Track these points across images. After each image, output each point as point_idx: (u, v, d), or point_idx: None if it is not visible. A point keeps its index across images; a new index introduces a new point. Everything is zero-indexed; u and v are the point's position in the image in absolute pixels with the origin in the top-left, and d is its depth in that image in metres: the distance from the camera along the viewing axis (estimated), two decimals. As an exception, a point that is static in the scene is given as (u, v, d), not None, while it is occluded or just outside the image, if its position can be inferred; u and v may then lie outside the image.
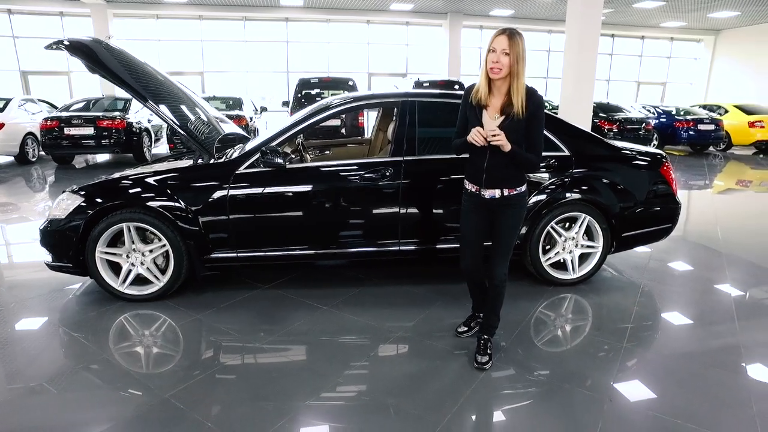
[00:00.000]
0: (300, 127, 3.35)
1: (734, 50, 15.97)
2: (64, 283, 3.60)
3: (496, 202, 2.43)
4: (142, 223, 3.17)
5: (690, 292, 3.68)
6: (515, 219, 2.47)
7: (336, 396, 2.30)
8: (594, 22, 7.75)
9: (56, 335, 2.88)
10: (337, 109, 3.47)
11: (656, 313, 3.30)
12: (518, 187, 2.42)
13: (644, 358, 2.70)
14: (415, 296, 3.46)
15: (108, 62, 3.28)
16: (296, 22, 14.40)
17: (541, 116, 2.34)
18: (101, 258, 3.21)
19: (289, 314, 3.16)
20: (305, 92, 10.12)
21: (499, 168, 2.37)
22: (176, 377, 2.45)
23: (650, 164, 3.76)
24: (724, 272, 4.03)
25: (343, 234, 3.37)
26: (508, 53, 2.19)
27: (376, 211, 3.34)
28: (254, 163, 3.23)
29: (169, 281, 3.27)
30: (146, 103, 3.30)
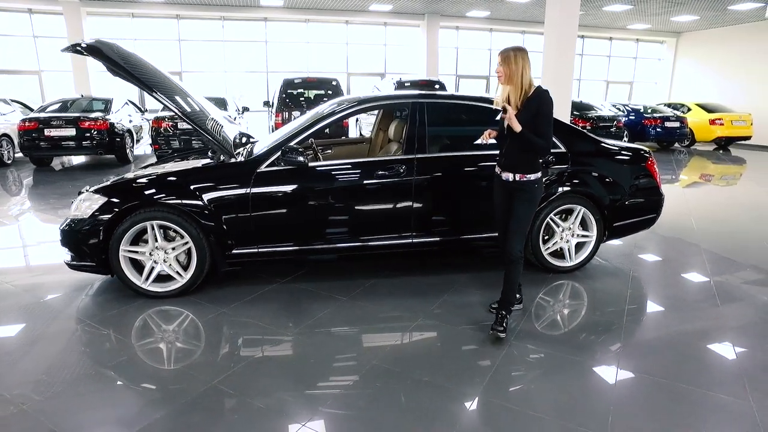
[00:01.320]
0: (317, 127, 3.51)
1: (694, 52, 16.86)
2: (78, 283, 3.65)
3: (510, 184, 2.87)
4: (166, 221, 3.26)
5: (674, 276, 4.02)
6: (525, 202, 2.86)
7: (373, 377, 2.48)
8: (571, 24, 8.13)
9: (89, 333, 2.95)
10: (353, 108, 3.65)
11: (647, 295, 3.61)
12: (529, 174, 2.83)
13: (641, 333, 2.99)
14: (427, 286, 3.66)
15: (129, 65, 3.34)
16: (275, 22, 14.39)
17: (546, 111, 2.78)
18: (125, 256, 3.29)
19: (312, 306, 3.32)
20: (289, 92, 10.18)
21: (513, 153, 2.85)
22: (218, 367, 2.58)
23: (637, 159, 4.08)
24: (702, 258, 4.40)
25: (360, 228, 3.55)
26: (501, 65, 2.80)
27: (391, 206, 3.54)
28: (275, 161, 3.36)
29: (192, 278, 3.37)
30: (171, 104, 3.37)
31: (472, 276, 3.83)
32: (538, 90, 2.81)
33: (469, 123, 4.03)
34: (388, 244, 3.59)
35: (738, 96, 14.84)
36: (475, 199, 3.66)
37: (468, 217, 3.71)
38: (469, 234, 3.72)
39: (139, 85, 3.28)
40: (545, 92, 2.81)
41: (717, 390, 2.39)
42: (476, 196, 3.66)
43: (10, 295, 3.48)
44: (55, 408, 2.22)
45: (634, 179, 4.02)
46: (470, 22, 15.30)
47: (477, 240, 3.75)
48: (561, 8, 8.05)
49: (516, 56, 2.77)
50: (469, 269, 3.98)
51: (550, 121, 2.82)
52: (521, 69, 2.77)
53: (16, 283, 3.70)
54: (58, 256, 3.60)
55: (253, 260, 3.45)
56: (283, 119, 9.94)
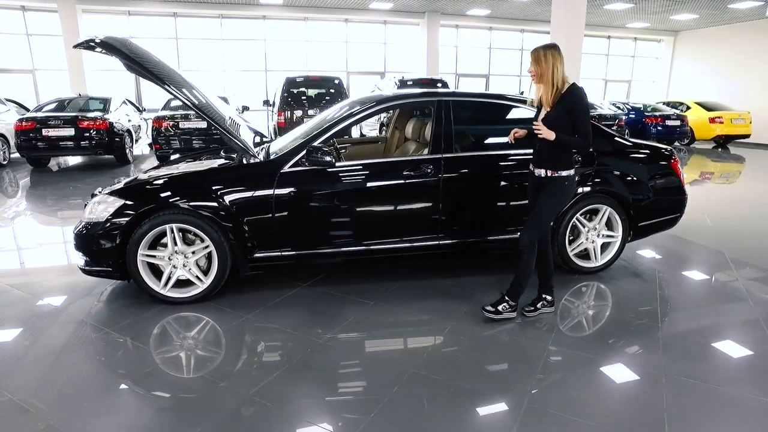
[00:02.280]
0: (341, 126, 3.40)
1: (692, 50, 16.93)
2: (89, 288, 3.51)
3: (542, 180, 2.91)
4: (186, 224, 3.14)
5: (699, 275, 3.96)
6: (550, 196, 2.90)
7: (413, 385, 2.38)
8: (578, 24, 8.08)
9: (108, 342, 2.82)
10: (378, 107, 3.55)
11: (678, 295, 3.54)
12: (559, 170, 2.86)
13: (680, 335, 2.91)
14: (452, 288, 3.57)
15: (143, 61, 3.21)
16: (274, 20, 14.22)
17: (581, 107, 2.78)
18: (143, 261, 3.16)
19: (338, 310, 3.21)
20: (292, 91, 10.05)
21: (545, 150, 2.89)
22: (251, 377, 2.46)
23: (661, 158, 4.03)
24: (724, 256, 4.34)
25: (386, 230, 3.45)
26: (533, 64, 2.80)
27: (417, 207, 3.45)
28: (299, 161, 3.25)
29: (213, 282, 3.25)
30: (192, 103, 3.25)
31: (497, 278, 3.73)
32: (571, 87, 2.79)
33: (495, 121, 3.94)
34: (415, 246, 3.49)
35: (736, 94, 14.91)
36: (503, 200, 3.58)
37: (497, 217, 3.62)
38: (498, 235, 3.64)
39: (158, 83, 3.15)
40: (579, 88, 2.80)
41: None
42: (504, 196, 3.59)
43: (21, 301, 3.34)
44: (85, 425, 2.10)
45: (659, 178, 3.97)
46: (470, 21, 15.23)
47: (505, 241, 3.66)
48: (567, 7, 8.01)
49: (546, 54, 2.75)
50: (492, 271, 3.89)
51: (588, 117, 2.82)
52: (552, 67, 2.75)
53: (27, 288, 3.55)
54: (63, 260, 3.48)
55: (275, 264, 3.34)
56: (286, 118, 9.81)
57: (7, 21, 12.85)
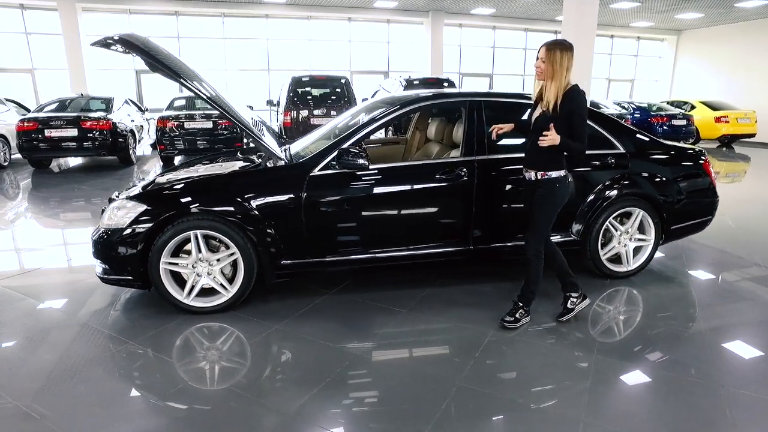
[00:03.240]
0: (372, 128, 3.26)
1: (695, 50, 16.87)
2: (103, 295, 3.36)
3: (533, 183, 2.80)
4: (211, 230, 3.00)
5: (733, 277, 3.84)
6: (544, 200, 2.77)
7: (465, 402, 2.25)
8: (590, 23, 7.98)
9: (130, 354, 2.67)
10: (407, 108, 3.41)
11: (716, 300, 3.42)
12: (549, 172, 2.74)
13: (730, 344, 2.79)
14: (484, 294, 3.44)
15: (165, 59, 3.06)
16: (276, 18, 14.05)
17: (581, 111, 2.65)
18: (165, 269, 3.01)
19: (370, 319, 3.08)
20: (298, 91, 9.89)
21: (533, 152, 2.79)
22: (290, 393, 2.33)
23: (693, 160, 3.92)
24: (756, 258, 4.23)
25: (419, 235, 3.33)
26: (545, 61, 2.63)
27: (450, 211, 3.32)
28: (329, 164, 3.11)
29: (239, 291, 3.11)
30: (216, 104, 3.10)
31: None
32: (573, 88, 2.66)
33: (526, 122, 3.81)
34: (447, 251, 3.37)
35: (739, 93, 14.86)
36: None
37: None
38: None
39: (181, 82, 2.99)
40: (580, 91, 2.67)
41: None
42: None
43: (36, 311, 3.18)
44: (119, 448, 1.96)
45: (692, 180, 3.86)
46: (474, 20, 15.11)
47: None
48: (578, 6, 7.90)
49: (563, 56, 2.60)
50: (519, 277, 3.75)
51: (585, 121, 2.68)
52: (565, 69, 2.62)
53: (39, 295, 3.39)
54: (74, 265, 3.32)
55: (304, 271, 3.20)
56: (292, 118, 9.65)
57: (6, 20, 12.62)
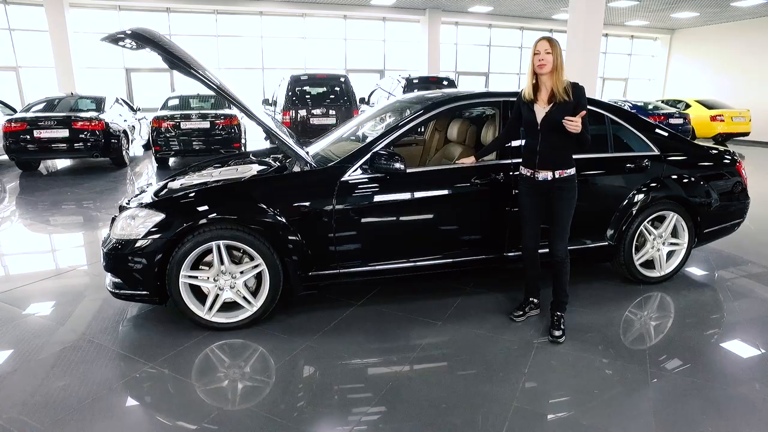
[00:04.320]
0: (405, 129, 3.06)
1: (688, 49, 16.96)
2: (109, 308, 3.12)
3: (548, 184, 2.71)
4: (235, 240, 2.77)
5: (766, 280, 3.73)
6: (569, 200, 2.73)
7: (525, 424, 2.07)
8: (597, 20, 7.86)
9: (150, 378, 2.45)
10: (442, 108, 3.22)
11: (758, 306, 3.29)
12: (568, 169, 2.71)
13: (792, 360, 2.66)
14: (517, 302, 3.25)
15: (184, 55, 2.83)
16: (271, 16, 13.74)
17: (585, 103, 2.64)
18: (185, 283, 2.78)
19: (405, 332, 2.89)
20: (297, 89, 9.64)
21: (549, 149, 2.69)
22: (336, 419, 2.12)
23: (727, 161, 3.81)
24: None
25: (455, 242, 3.16)
26: (549, 52, 2.59)
27: (489, 217, 3.16)
28: (361, 168, 2.91)
29: (264, 305, 2.89)
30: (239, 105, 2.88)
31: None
32: (574, 83, 2.67)
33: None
34: (482, 259, 3.19)
35: (732, 92, 14.94)
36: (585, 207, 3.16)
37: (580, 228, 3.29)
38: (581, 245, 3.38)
39: (205, 81, 2.76)
40: (581, 86, 2.69)
41: None
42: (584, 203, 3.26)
43: (40, 328, 2.93)
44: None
45: (726, 183, 3.75)
46: (470, 18, 14.98)
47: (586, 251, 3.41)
48: (587, 5, 7.79)
49: (559, 47, 2.64)
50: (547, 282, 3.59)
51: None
52: (562, 60, 2.63)
53: (41, 310, 3.14)
54: (71, 274, 3.07)
55: (334, 283, 3.00)
56: (291, 118, 9.42)
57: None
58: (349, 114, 9.81)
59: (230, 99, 2.86)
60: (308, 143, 4.12)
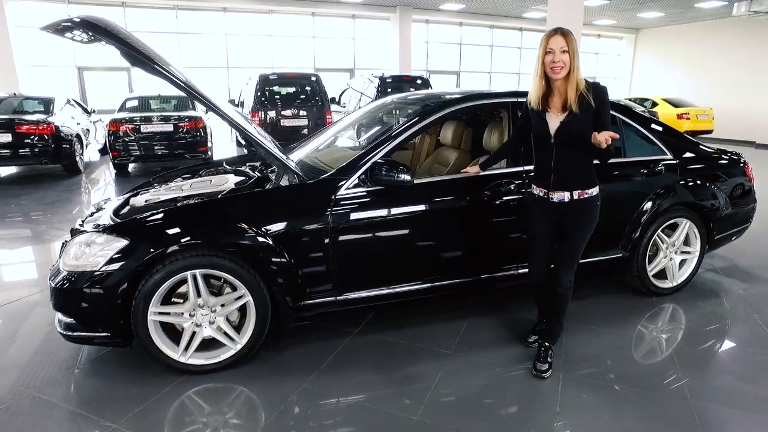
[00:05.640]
0: (407, 134, 2.71)
1: (652, 48, 17.32)
2: (66, 351, 2.64)
3: (566, 206, 2.30)
4: (214, 268, 2.35)
5: None
6: (587, 225, 2.34)
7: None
8: (576, 19, 7.74)
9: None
10: (448, 110, 2.89)
11: (764, 313, 3.12)
12: (588, 189, 2.29)
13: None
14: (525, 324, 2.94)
15: (146, 50, 2.39)
16: (235, 12, 13.10)
17: (608, 109, 2.23)
18: (155, 321, 2.34)
19: (414, 366, 2.54)
20: (267, 90, 9.14)
21: (566, 166, 2.27)
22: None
23: (737, 165, 3.68)
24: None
25: (466, 260, 2.85)
26: (566, 50, 2.12)
27: (500, 231, 2.86)
28: (359, 180, 2.54)
29: (250, 342, 2.48)
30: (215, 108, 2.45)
31: (585, 306, 3.17)
32: (593, 84, 2.22)
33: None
34: (494, 277, 2.89)
35: (696, 91, 15.31)
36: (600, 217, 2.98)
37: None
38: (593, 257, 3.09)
39: (169, 79, 2.33)
40: (603, 87, 2.23)
41: None
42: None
43: None
44: None
45: (736, 187, 3.59)
46: (441, 16, 14.76)
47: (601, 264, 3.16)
48: (566, 3, 7.66)
49: (576, 41, 2.16)
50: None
51: (609, 120, 2.24)
52: (578, 58, 2.16)
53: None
54: (6, 302, 2.59)
55: (329, 311, 2.61)
56: (261, 119, 8.93)
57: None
58: (321, 115, 9.40)
59: (205, 102, 2.44)
60: (289, 149, 3.72)
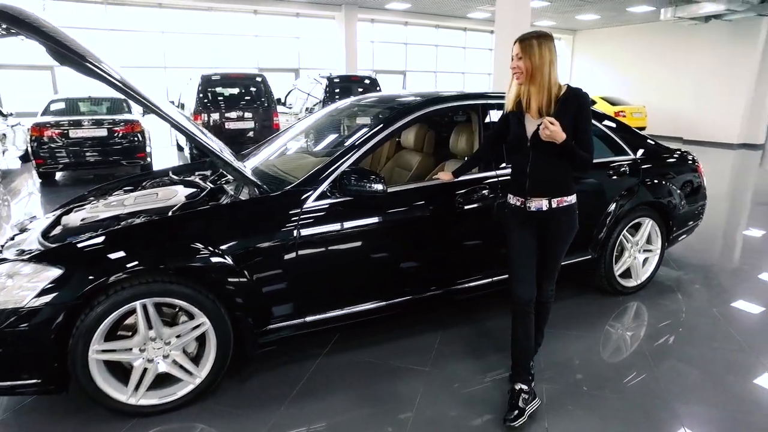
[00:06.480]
0: (377, 140, 2.54)
1: (589, 49, 18.10)
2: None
3: (544, 215, 2.16)
4: (168, 296, 2.08)
5: (731, 273, 3.71)
6: (569, 234, 2.23)
7: None
8: (524, 21, 7.84)
9: None
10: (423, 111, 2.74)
11: (715, 307, 3.22)
12: (567, 196, 2.18)
13: None
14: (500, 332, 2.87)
15: (76, 45, 2.07)
16: (172, 9, 12.33)
17: (587, 115, 2.11)
18: (98, 360, 2.04)
19: (392, 387, 2.39)
20: (209, 91, 8.67)
21: (542, 170, 2.14)
22: None
23: (689, 162, 3.78)
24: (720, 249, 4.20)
25: (446, 271, 2.75)
26: (521, 57, 2.06)
27: (480, 238, 2.79)
28: (327, 191, 2.34)
29: (211, 374, 2.23)
30: (160, 112, 2.15)
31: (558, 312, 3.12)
32: (573, 90, 2.10)
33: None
34: (468, 287, 2.78)
35: (630, 90, 16.17)
36: None
37: None
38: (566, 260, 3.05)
39: (105, 80, 2.03)
40: (584, 92, 2.11)
41: None
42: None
43: None
44: None
45: (691, 184, 3.70)
46: (387, 15, 14.64)
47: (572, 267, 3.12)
48: (514, 4, 7.75)
49: (541, 46, 2.04)
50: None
51: (591, 128, 2.12)
52: (548, 64, 2.04)
53: None
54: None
55: (298, 334, 2.39)
56: (204, 122, 8.46)
57: None
58: (267, 117, 9.05)
59: (148, 105, 2.14)
60: (242, 156, 3.45)
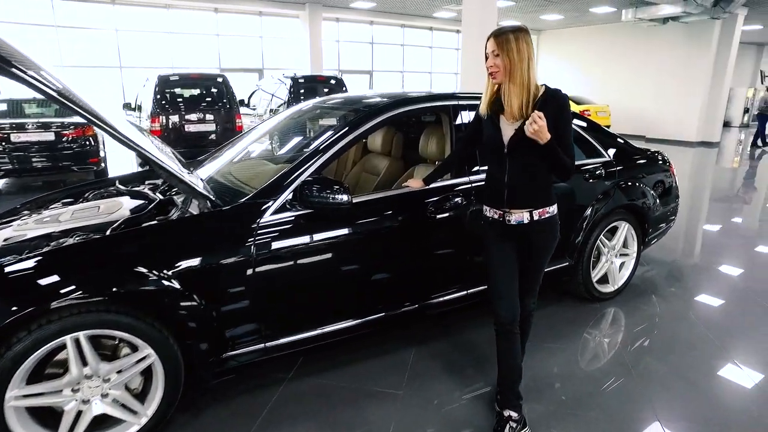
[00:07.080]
0: (340, 145, 2.33)
1: (553, 49, 18.40)
2: None
3: (524, 228, 1.99)
4: (104, 327, 1.82)
5: (709, 273, 3.69)
6: (552, 247, 2.08)
7: None
8: (490, 21, 7.79)
9: None
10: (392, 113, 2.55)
11: (691, 309, 3.17)
12: (549, 206, 2.02)
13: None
14: (476, 346, 2.74)
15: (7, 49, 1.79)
16: (127, 6, 11.76)
17: (567, 118, 1.94)
18: (18, 407, 1.76)
19: (362, 414, 2.20)
20: (167, 92, 8.25)
21: (520, 178, 1.97)
22: None
23: (662, 163, 3.74)
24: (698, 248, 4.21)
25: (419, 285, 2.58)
26: (497, 54, 1.88)
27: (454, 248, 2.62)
28: (287, 204, 2.13)
29: (159, 411, 1.99)
30: (95, 119, 1.88)
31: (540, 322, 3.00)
32: (551, 91, 1.93)
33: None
34: (441, 301, 2.61)
35: (594, 89, 16.49)
36: None
37: None
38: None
39: (29, 84, 1.74)
40: (563, 93, 1.94)
41: None
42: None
43: None
44: None
45: (664, 185, 3.66)
46: (352, 14, 14.43)
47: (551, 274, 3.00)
48: (481, 3, 7.69)
49: (518, 40, 1.86)
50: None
51: (572, 132, 1.97)
52: (527, 59, 1.86)
53: None
54: None
55: (257, 360, 2.17)
56: (162, 125, 8.06)
57: None
58: (230, 119, 8.71)
59: (85, 115, 1.87)
60: (197, 163, 3.19)
